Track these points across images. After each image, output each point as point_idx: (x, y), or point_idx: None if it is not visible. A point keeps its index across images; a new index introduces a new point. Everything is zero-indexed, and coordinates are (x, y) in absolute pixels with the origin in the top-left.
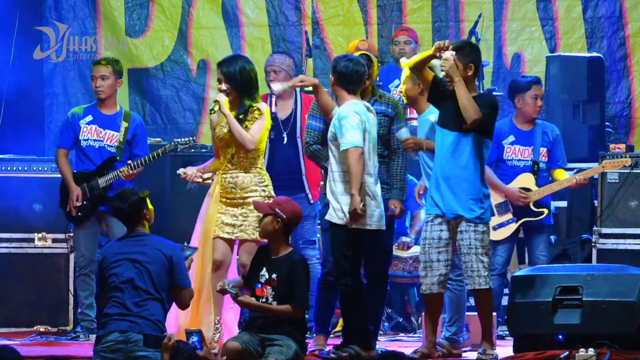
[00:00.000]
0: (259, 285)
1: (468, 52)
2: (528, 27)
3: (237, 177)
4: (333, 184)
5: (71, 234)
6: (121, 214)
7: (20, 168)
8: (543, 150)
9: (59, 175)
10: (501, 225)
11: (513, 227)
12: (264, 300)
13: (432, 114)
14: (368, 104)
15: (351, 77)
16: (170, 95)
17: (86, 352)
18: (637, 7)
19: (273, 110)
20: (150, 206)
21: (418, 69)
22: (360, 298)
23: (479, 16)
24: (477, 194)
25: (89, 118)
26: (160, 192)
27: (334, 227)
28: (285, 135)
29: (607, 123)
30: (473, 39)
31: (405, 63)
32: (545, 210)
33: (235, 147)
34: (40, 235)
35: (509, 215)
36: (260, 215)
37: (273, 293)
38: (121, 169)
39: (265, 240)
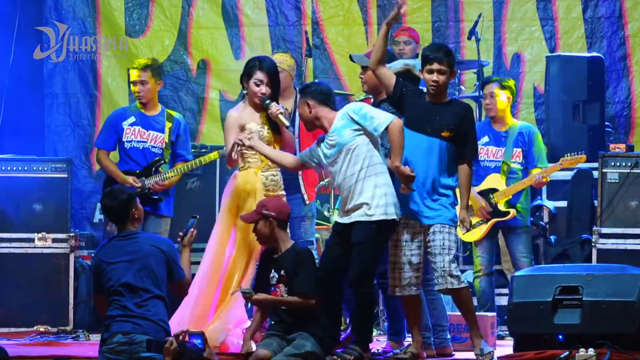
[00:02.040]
0: (273, 288)
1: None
2: (528, 27)
3: (277, 175)
4: (362, 182)
5: (71, 234)
6: (110, 212)
7: (20, 168)
8: (517, 150)
9: (59, 175)
10: (472, 227)
11: (483, 228)
12: None
13: None
14: None
15: (330, 95)
16: (170, 95)
17: (86, 352)
18: (637, 7)
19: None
20: (139, 206)
21: (379, 62)
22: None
23: (479, 16)
24: (451, 198)
25: (132, 119)
26: None
27: (380, 225)
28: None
29: (606, 123)
30: (473, 39)
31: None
32: (512, 211)
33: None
34: (40, 235)
35: (479, 218)
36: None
37: (286, 288)
38: (153, 182)
39: None
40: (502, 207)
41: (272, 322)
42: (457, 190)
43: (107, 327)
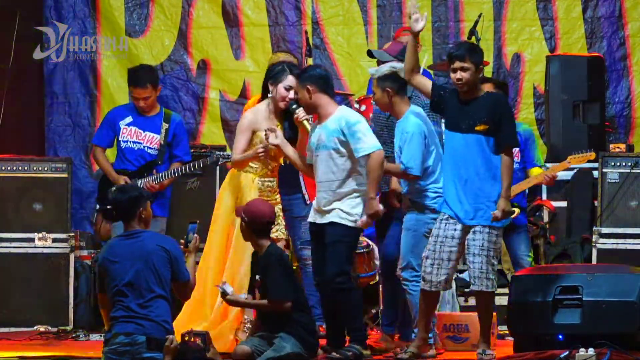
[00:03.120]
0: (258, 290)
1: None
2: (528, 27)
3: (273, 181)
4: (339, 190)
5: (71, 234)
6: (118, 207)
7: (20, 168)
8: (515, 150)
9: (59, 175)
10: None
11: None
12: None
13: (412, 114)
14: None
15: (329, 79)
16: (170, 95)
17: (86, 352)
18: (637, 7)
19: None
20: (149, 209)
21: (413, 71)
22: (359, 297)
23: (479, 16)
24: (493, 197)
25: (129, 119)
26: None
27: (344, 229)
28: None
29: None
30: (473, 39)
31: (378, 72)
32: (517, 210)
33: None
34: (40, 235)
35: None
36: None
37: (261, 292)
38: (146, 182)
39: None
40: None
41: (255, 319)
42: None
43: (110, 327)
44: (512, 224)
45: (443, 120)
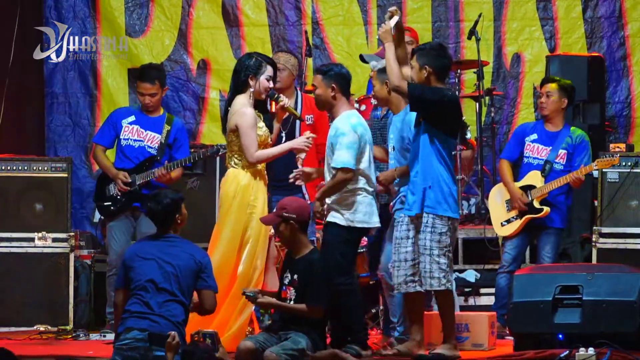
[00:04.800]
0: (284, 288)
1: (425, 54)
2: (528, 27)
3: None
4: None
5: (71, 233)
6: (154, 216)
7: (20, 168)
8: (562, 152)
9: (59, 175)
10: (508, 221)
11: (517, 223)
12: (288, 302)
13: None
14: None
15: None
16: (170, 95)
17: (86, 352)
18: (637, 7)
19: (273, 110)
20: (183, 211)
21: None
22: (359, 296)
23: (479, 16)
24: (435, 191)
25: (132, 118)
26: None
27: (335, 227)
28: (284, 134)
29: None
30: (473, 39)
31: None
32: (546, 209)
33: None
34: (40, 235)
35: (515, 212)
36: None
37: (295, 294)
38: (156, 170)
39: None
40: (536, 204)
41: (270, 322)
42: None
43: (124, 321)
44: (542, 224)
45: None
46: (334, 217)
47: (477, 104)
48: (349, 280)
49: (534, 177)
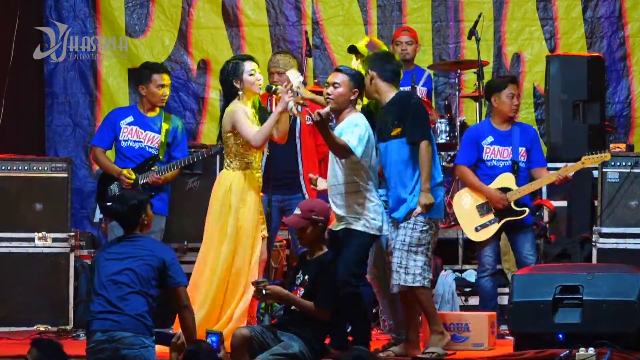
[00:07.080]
0: (295, 288)
1: (369, 61)
2: (528, 27)
3: (261, 176)
4: (349, 196)
5: (71, 233)
6: (119, 217)
7: (20, 168)
8: (522, 149)
9: (59, 175)
10: (483, 226)
11: (496, 227)
12: None
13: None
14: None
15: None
16: (170, 95)
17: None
18: (637, 7)
19: (273, 110)
20: (149, 212)
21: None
22: (368, 300)
23: (479, 16)
24: (413, 194)
25: (130, 119)
26: None
27: (362, 236)
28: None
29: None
30: (473, 39)
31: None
32: (527, 209)
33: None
34: (40, 235)
35: (491, 216)
36: None
37: (305, 293)
38: (150, 174)
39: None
40: (514, 205)
41: (270, 323)
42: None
43: (89, 323)
44: (519, 224)
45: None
46: (352, 224)
47: (477, 104)
48: (357, 282)
49: (507, 179)
